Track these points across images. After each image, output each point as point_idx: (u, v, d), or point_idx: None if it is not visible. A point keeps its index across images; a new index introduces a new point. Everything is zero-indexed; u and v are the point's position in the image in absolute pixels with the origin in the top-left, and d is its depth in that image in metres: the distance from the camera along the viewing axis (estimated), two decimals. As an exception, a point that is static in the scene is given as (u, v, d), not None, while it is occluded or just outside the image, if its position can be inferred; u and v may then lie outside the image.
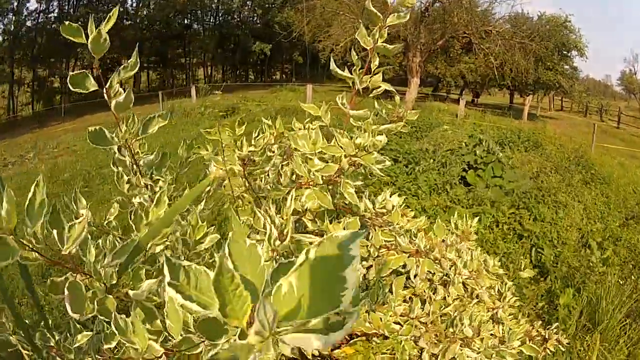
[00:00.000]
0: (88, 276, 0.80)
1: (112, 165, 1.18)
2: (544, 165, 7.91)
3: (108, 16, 1.00)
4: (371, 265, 1.46)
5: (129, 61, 1.07)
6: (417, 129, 8.09)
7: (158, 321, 0.81)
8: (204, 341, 0.71)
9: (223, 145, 1.33)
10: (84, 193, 7.74)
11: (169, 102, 15.04)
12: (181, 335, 0.73)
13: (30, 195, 0.70)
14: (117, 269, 0.82)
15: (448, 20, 12.04)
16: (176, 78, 35.88)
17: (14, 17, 28.77)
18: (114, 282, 0.82)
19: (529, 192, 5.67)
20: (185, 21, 34.50)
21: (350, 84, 1.15)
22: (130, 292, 0.80)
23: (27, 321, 0.94)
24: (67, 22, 0.99)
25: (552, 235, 4.89)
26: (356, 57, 1.12)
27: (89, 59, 28.99)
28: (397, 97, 1.40)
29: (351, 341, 1.36)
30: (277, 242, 0.98)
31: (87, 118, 22.89)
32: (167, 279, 0.42)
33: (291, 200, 1.09)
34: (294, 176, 1.29)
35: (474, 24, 12.49)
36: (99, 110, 25.80)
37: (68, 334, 0.88)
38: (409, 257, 1.44)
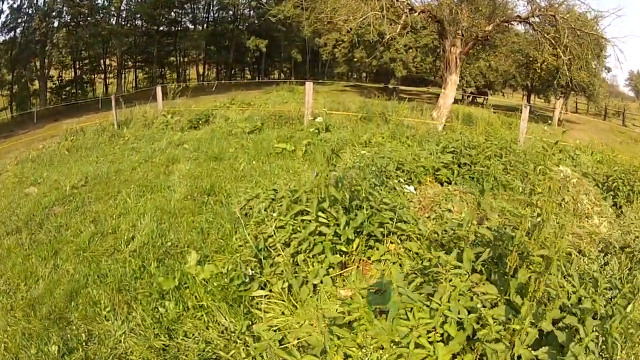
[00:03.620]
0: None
1: None
2: None
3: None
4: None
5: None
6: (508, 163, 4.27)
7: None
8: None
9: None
10: None
11: (129, 109, 11.24)
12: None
13: None
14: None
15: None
16: (166, 78, 31.98)
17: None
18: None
19: None
20: (173, 15, 30.42)
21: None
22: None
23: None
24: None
25: None
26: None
27: (57, 58, 25.12)
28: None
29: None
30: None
31: (57, 125, 19.20)
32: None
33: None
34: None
35: (536, 4, 8.69)
36: (73, 114, 22.07)
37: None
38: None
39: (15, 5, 24.82)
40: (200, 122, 9.67)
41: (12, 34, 26.68)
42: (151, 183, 5.65)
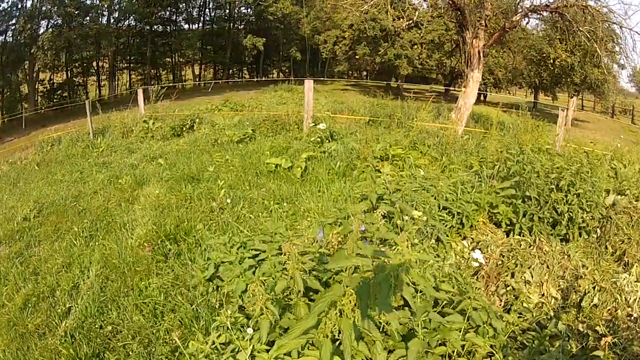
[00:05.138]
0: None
1: None
2: None
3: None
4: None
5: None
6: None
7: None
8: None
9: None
10: None
11: (107, 114, 9.93)
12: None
13: None
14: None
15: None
16: (161, 79, 30.58)
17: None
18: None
19: None
20: (167, 14, 28.97)
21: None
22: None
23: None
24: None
25: None
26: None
27: (43, 60, 23.73)
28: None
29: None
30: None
31: (44, 131, 17.92)
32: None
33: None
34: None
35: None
36: (63, 119, 20.72)
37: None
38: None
39: (1, 8, 23.46)
40: (184, 128, 8.38)
41: (2, 37, 25.36)
42: (109, 215, 4.36)
